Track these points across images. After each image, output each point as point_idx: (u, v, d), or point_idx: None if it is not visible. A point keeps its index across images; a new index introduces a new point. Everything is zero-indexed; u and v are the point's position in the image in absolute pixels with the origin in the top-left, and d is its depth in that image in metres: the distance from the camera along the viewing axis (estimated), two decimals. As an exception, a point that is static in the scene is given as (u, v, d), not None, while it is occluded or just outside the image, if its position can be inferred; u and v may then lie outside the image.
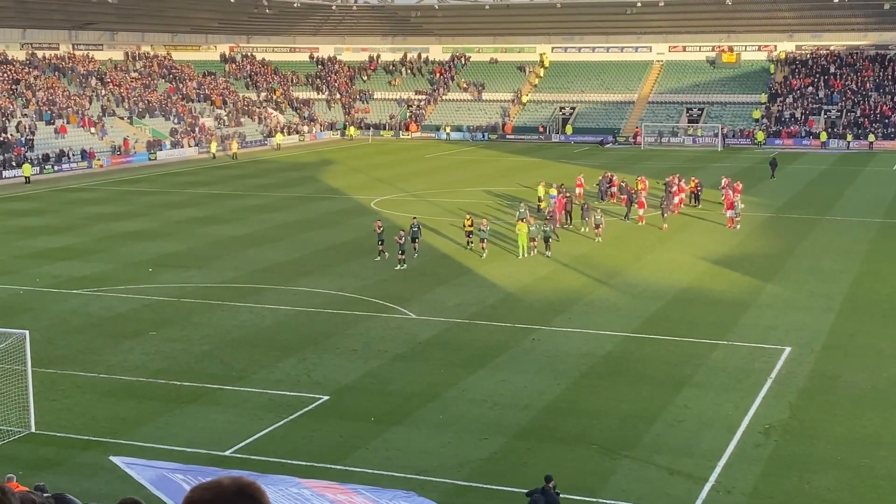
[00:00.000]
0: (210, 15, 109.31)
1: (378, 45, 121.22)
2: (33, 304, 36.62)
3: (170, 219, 55.54)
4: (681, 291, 38.12)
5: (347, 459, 22.70)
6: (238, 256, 44.96)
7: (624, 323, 33.63)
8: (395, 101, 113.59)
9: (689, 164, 77.31)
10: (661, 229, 50.05)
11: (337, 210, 57.53)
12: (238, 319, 34.52)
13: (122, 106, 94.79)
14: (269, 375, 28.47)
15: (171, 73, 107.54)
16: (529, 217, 45.93)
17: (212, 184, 71.23)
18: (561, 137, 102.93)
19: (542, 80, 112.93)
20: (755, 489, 21.15)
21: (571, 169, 75.62)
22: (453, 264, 43.05)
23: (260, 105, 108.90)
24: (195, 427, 24.70)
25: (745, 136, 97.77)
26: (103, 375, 28.58)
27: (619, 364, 29.46)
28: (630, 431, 23.93)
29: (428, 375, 28.43)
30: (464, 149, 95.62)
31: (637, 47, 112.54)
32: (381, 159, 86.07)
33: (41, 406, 25.05)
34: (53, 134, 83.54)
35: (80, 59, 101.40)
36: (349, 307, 35.97)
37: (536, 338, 32.06)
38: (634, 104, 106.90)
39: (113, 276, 41.14)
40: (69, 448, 23.54)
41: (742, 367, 28.97)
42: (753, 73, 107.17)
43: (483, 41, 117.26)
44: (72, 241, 49.04)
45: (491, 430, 24.35)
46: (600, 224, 46.98)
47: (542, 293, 38.08)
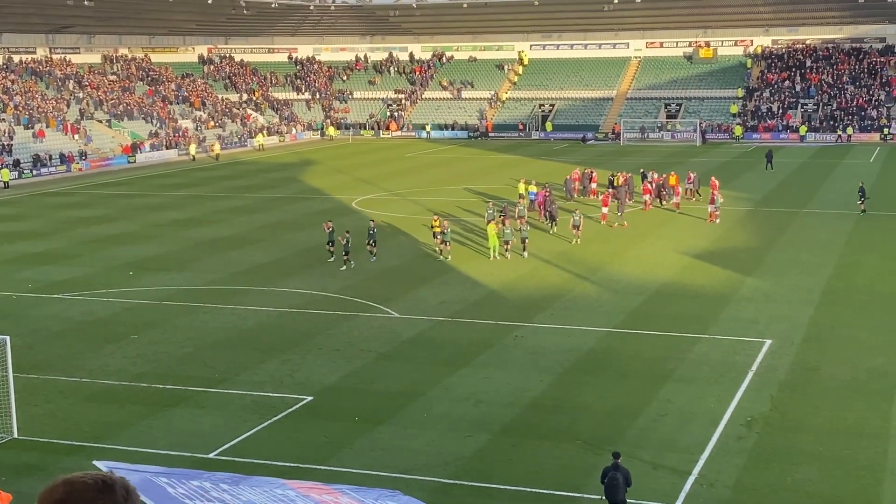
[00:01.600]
0: (187, 16, 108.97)
1: (357, 44, 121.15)
2: (13, 310, 36.44)
3: (150, 221, 55.36)
4: (662, 286, 38.27)
5: (332, 460, 22.70)
6: (219, 258, 44.87)
7: (606, 318, 33.74)
8: (380, 101, 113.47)
9: (669, 160, 77.60)
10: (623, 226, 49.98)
11: (318, 210, 57.46)
12: (220, 321, 34.45)
13: (100, 109, 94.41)
14: (252, 377, 28.44)
15: (149, 76, 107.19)
16: (502, 218, 45.38)
17: (192, 186, 71.04)
18: (541, 135, 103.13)
19: (521, 77, 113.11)
20: (738, 482, 21.27)
21: (552, 166, 75.80)
22: (435, 263, 43.08)
23: (239, 106, 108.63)
24: (179, 430, 24.64)
25: (724, 130, 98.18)
26: (85, 380, 28.48)
27: (602, 359, 29.56)
28: (614, 426, 24.02)
29: (412, 374, 28.46)
30: (444, 147, 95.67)
31: (615, 44, 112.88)
32: (362, 159, 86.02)
33: (23, 411, 24.94)
34: (31, 138, 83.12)
35: (57, 63, 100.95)
36: (332, 307, 35.96)
37: (519, 335, 32.13)
38: (613, 100, 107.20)
39: (93, 279, 40.98)
40: (52, 453, 23.45)
41: (723, 361, 29.11)
42: (730, 67, 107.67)
43: (462, 40, 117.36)
44: (51, 245, 48.83)
45: (475, 427, 24.40)
46: (578, 225, 46.15)
47: (525, 290, 38.16)
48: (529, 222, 46.99)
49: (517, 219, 46.50)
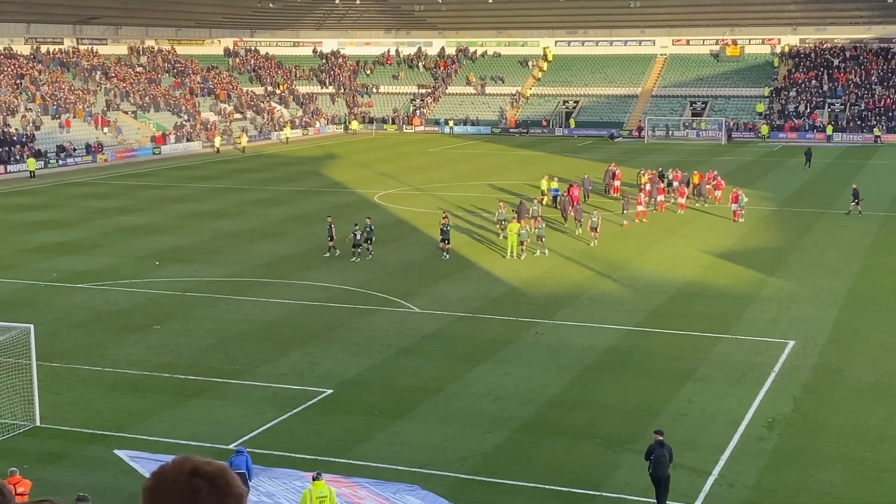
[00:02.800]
0: (214, 9, 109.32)
1: (381, 38, 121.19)
2: (38, 298, 36.69)
3: (174, 213, 55.60)
4: (684, 285, 38.13)
5: (351, 453, 22.75)
6: (242, 250, 45.01)
7: (627, 317, 33.65)
8: (404, 95, 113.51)
9: (693, 158, 77.24)
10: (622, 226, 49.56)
11: (341, 204, 57.51)
12: (242, 313, 34.57)
13: (126, 100, 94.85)
14: (273, 369, 28.53)
15: (175, 68, 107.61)
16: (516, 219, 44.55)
17: (216, 178, 71.29)
18: (565, 131, 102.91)
19: (546, 73, 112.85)
20: (758, 483, 21.17)
21: (575, 163, 75.62)
22: (456, 258, 43.05)
23: (264, 99, 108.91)
24: (199, 420, 24.76)
25: (750, 129, 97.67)
26: (108, 369, 28.65)
27: (623, 358, 29.48)
28: (634, 425, 23.95)
29: (431, 369, 28.47)
30: (467, 143, 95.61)
31: (641, 41, 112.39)
32: (385, 153, 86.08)
33: (46, 400, 25.13)
34: (58, 128, 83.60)
35: (84, 54, 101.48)
36: (353, 301, 36.01)
37: (540, 331, 32.08)
38: (638, 98, 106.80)
39: (117, 270, 41.20)
40: (74, 441, 23.61)
41: (745, 361, 28.98)
42: (757, 66, 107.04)
43: (486, 35, 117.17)
44: (76, 235, 49.11)
45: (494, 423, 24.39)
46: (596, 227, 45.09)
47: (546, 287, 38.10)
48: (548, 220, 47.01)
49: (532, 219, 45.94)
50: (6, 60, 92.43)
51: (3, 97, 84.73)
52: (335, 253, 43.05)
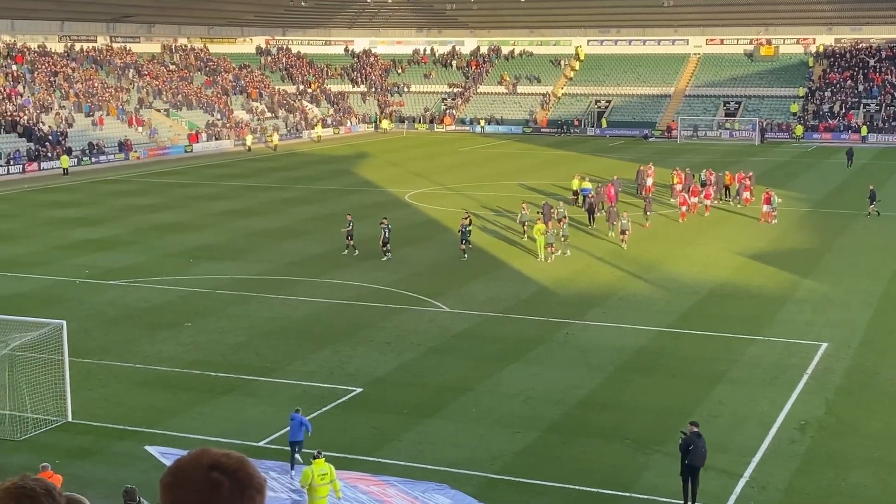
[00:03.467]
0: (246, 8, 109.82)
1: (413, 37, 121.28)
2: (70, 295, 36.95)
3: (205, 211, 55.86)
4: (717, 286, 37.86)
5: (380, 451, 22.74)
6: (272, 249, 45.15)
7: (659, 318, 33.45)
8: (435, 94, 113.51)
9: (726, 159, 76.74)
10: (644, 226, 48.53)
11: (371, 203, 57.57)
12: (272, 311, 34.66)
13: (159, 98, 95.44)
14: (302, 367, 28.57)
15: (207, 66, 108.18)
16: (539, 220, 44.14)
17: (247, 176, 71.57)
18: (596, 131, 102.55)
19: (578, 73, 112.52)
20: (790, 485, 20.98)
21: (608, 163, 75.32)
22: (486, 258, 42.98)
23: (296, 98, 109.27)
24: (229, 418, 24.84)
25: (783, 129, 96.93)
26: (139, 366, 28.80)
27: (654, 359, 29.31)
28: (664, 426, 23.77)
29: (461, 369, 28.42)
30: (498, 142, 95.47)
31: (674, 40, 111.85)
32: (416, 152, 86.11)
33: (78, 395, 25.28)
34: (91, 126, 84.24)
35: (117, 52, 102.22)
36: (383, 300, 36.01)
37: (570, 332, 31.96)
38: (671, 97, 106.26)
39: (149, 267, 41.43)
40: (105, 437, 23.75)
41: (778, 363, 28.73)
42: (792, 66, 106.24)
43: (518, 34, 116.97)
44: (109, 232, 49.44)
45: (524, 423, 24.31)
46: (627, 230, 44.48)
47: (576, 287, 37.95)
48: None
49: (558, 221, 45.34)
50: (40, 58, 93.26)
51: (38, 95, 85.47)
52: (354, 252, 43.10)
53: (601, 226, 48.47)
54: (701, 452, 20.08)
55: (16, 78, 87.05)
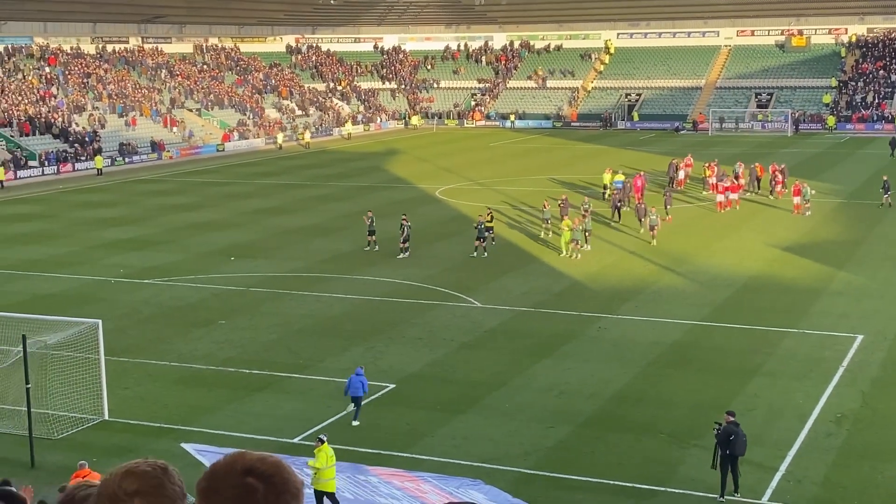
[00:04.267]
0: (276, 6, 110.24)
1: (442, 33, 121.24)
2: (106, 294, 37.28)
3: (238, 209, 56.15)
4: (750, 279, 37.64)
5: (414, 447, 22.80)
6: (304, 246, 45.33)
7: (692, 311, 33.30)
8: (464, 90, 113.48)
9: (758, 150, 76.22)
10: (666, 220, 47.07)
11: (402, 199, 57.66)
12: (305, 308, 34.81)
13: (191, 98, 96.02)
14: (336, 364, 28.68)
15: (238, 65, 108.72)
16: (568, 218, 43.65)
17: (279, 174, 71.87)
18: (627, 125, 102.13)
19: (607, 66, 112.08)
20: (826, 479, 20.84)
21: (638, 156, 75.01)
22: (518, 253, 42.93)
23: (326, 96, 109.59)
24: (264, 414, 24.98)
25: (816, 120, 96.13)
26: (174, 364, 29.02)
27: (688, 352, 29.19)
28: (699, 420, 23.65)
29: (494, 364, 28.42)
30: (528, 137, 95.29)
31: (704, 32, 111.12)
32: (446, 148, 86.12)
33: (114, 394, 25.52)
34: (124, 126, 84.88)
35: (149, 53, 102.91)
36: (415, 296, 36.07)
37: (603, 326, 31.89)
38: (702, 90, 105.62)
39: (183, 265, 41.72)
40: (141, 435, 23.95)
41: (813, 356, 28.54)
42: (824, 56, 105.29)
43: (547, 28, 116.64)
44: (143, 231, 49.82)
45: (558, 418, 24.29)
46: (655, 226, 43.61)
47: (609, 281, 37.84)
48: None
49: (583, 215, 44.62)
50: (73, 60, 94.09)
51: (71, 96, 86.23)
52: (374, 248, 43.23)
53: (626, 221, 47.99)
54: (742, 441, 20.12)
55: (49, 80, 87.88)
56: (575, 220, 42.86)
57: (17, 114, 78.83)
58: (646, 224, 44.85)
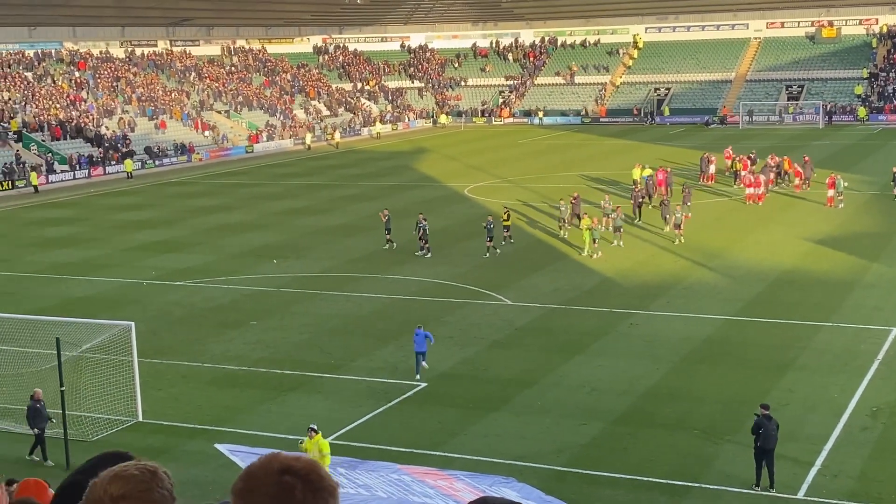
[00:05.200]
0: (303, 7, 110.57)
1: (468, 31, 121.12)
2: (138, 296, 37.51)
3: (267, 210, 56.36)
4: (783, 273, 37.35)
5: (446, 445, 22.79)
6: (334, 246, 45.42)
7: (724, 306, 33.08)
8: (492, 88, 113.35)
9: (790, 143, 75.65)
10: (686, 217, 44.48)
11: (431, 198, 57.67)
12: (336, 308, 34.88)
13: (219, 100, 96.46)
14: (367, 363, 28.72)
15: (265, 66, 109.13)
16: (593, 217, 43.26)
17: (307, 175, 72.08)
18: (656, 119, 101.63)
19: (636, 61, 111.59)
20: (862, 473, 20.65)
21: (668, 151, 74.63)
22: (548, 250, 42.82)
23: (353, 95, 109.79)
24: (296, 414, 25.03)
25: (848, 112, 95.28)
26: (207, 365, 29.16)
27: (720, 348, 29.00)
28: (732, 416, 23.50)
29: (525, 361, 28.36)
30: (557, 133, 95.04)
31: (733, 25, 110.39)
32: (474, 146, 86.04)
33: (147, 395, 25.67)
34: (154, 129, 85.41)
35: (177, 55, 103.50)
36: (445, 294, 36.05)
37: (634, 322, 31.74)
38: (732, 83, 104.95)
39: (214, 267, 41.92)
40: (175, 436, 24.08)
41: (848, 349, 28.28)
42: (855, 47, 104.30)
43: (574, 24, 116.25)
44: (174, 233, 50.11)
45: (589, 415, 24.20)
46: (680, 224, 42.81)
47: (640, 277, 37.67)
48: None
49: (604, 217, 44.16)
50: (103, 64, 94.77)
51: (101, 100, 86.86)
52: (393, 246, 43.44)
53: (649, 219, 46.94)
54: (772, 435, 20.04)
55: (79, 84, 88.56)
56: (594, 220, 42.47)
57: (48, 118, 79.51)
58: (671, 222, 44.20)
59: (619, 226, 43.01)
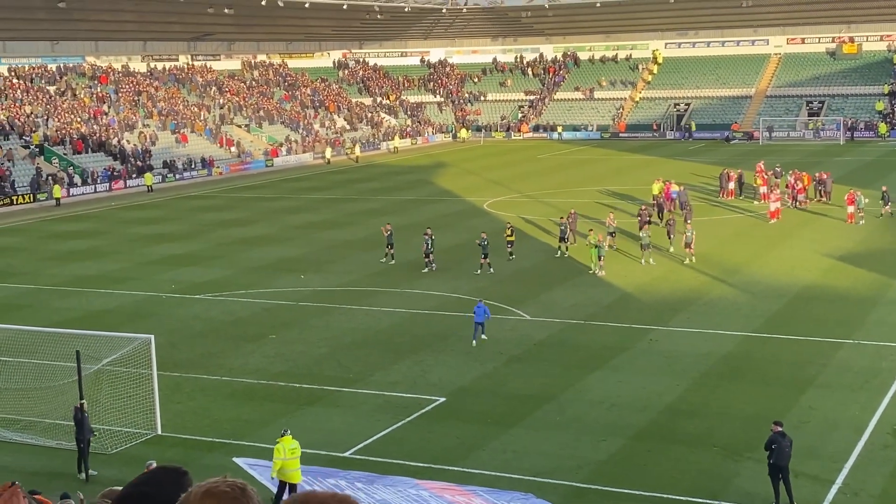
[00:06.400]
0: (323, 22, 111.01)
1: (488, 46, 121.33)
2: (157, 309, 37.63)
3: (287, 224, 56.49)
4: (803, 289, 37.15)
5: (465, 461, 22.71)
6: (353, 260, 45.46)
7: (744, 322, 32.92)
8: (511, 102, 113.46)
9: (810, 159, 75.36)
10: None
11: (451, 212, 57.70)
12: (354, 322, 34.89)
13: (239, 114, 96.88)
14: (385, 377, 28.69)
15: (286, 81, 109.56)
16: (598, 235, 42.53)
17: (327, 189, 72.24)
18: (676, 134, 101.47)
19: (656, 76, 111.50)
20: (884, 491, 20.47)
21: (689, 166, 74.46)
22: (567, 265, 42.72)
23: (373, 110, 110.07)
24: (315, 428, 25.02)
25: (869, 128, 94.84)
26: (225, 378, 29.20)
27: (741, 364, 28.84)
28: (753, 433, 23.32)
29: (544, 377, 28.28)
30: (576, 148, 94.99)
31: (754, 40, 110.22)
32: (494, 161, 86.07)
33: (166, 408, 25.71)
34: (175, 143, 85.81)
35: (198, 70, 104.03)
36: (464, 309, 35.99)
37: (654, 338, 31.62)
38: (752, 98, 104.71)
39: (233, 280, 42.01)
40: (194, 449, 24.10)
41: (869, 367, 28.08)
42: (876, 63, 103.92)
43: (594, 39, 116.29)
44: (194, 247, 50.27)
45: (609, 431, 24.09)
46: (691, 242, 41.92)
47: (659, 293, 37.54)
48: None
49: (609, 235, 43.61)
50: (124, 78, 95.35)
51: (122, 114, 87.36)
52: (391, 261, 43.79)
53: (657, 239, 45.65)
54: (784, 452, 19.98)
55: (101, 98, 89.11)
56: (599, 237, 42.27)
57: (70, 132, 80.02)
58: (680, 241, 43.12)
59: (648, 243, 42.41)
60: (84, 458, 22.65)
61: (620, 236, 46.07)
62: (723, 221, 49.33)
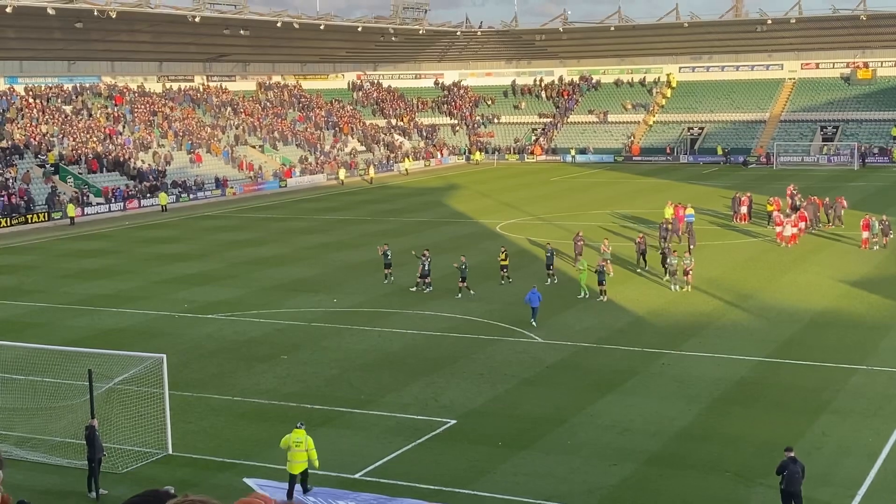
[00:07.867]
0: (338, 44, 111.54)
1: (502, 69, 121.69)
2: (170, 329, 37.68)
3: (300, 244, 56.58)
4: (817, 314, 37.00)
5: (476, 484, 22.63)
6: (365, 281, 45.47)
7: (758, 347, 32.78)
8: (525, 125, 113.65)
9: (824, 184, 75.19)
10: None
11: (463, 234, 57.71)
12: (366, 343, 34.86)
13: (254, 135, 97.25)
14: (397, 399, 28.64)
15: (300, 102, 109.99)
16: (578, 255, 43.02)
17: (340, 210, 72.36)
18: (689, 158, 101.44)
19: (669, 100, 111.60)
20: (899, 520, 20.30)
21: (701, 190, 74.38)
22: (578, 288, 42.60)
23: (387, 131, 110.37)
24: (325, 449, 24.93)
25: (885, 154, 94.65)
26: (237, 398, 29.18)
27: (754, 389, 28.70)
28: (765, 459, 23.18)
29: (555, 400, 28.19)
30: (590, 171, 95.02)
31: (768, 65, 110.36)
32: (507, 183, 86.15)
33: (177, 428, 25.69)
34: (189, 163, 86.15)
35: (214, 91, 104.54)
36: (476, 331, 35.96)
37: (666, 362, 31.49)
38: (766, 123, 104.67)
39: (246, 301, 42.06)
40: (205, 469, 24.07)
41: (883, 393, 27.90)
42: (890, 89, 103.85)
43: (608, 63, 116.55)
44: (206, 266, 50.37)
45: (621, 455, 23.98)
46: (690, 269, 41.35)
47: (672, 317, 37.42)
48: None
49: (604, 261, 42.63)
50: (140, 98, 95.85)
51: (137, 133, 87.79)
52: (390, 279, 44.03)
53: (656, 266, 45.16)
54: (796, 478, 20.04)
55: (116, 118, 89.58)
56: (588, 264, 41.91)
57: (86, 151, 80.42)
58: (679, 268, 41.86)
59: (675, 270, 41.80)
60: (95, 477, 22.63)
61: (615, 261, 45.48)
62: (736, 246, 49.19)
